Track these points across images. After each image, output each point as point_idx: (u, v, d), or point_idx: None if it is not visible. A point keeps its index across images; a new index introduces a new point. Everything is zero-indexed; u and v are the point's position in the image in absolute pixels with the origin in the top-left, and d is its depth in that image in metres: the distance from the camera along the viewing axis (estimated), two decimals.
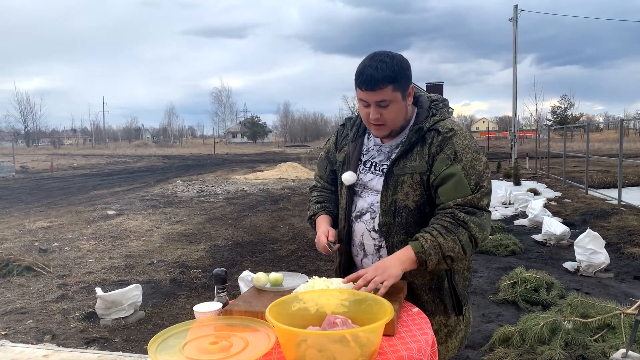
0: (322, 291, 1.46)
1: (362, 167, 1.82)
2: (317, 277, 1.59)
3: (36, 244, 7.37)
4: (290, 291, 1.59)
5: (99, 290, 4.30)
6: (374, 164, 1.80)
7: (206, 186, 15.74)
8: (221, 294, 1.58)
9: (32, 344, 3.80)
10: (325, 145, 2.03)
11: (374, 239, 1.78)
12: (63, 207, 11.38)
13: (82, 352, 2.06)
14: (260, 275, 1.69)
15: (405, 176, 1.70)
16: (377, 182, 1.77)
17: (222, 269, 1.61)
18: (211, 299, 5.50)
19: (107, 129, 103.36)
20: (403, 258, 1.59)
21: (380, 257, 1.77)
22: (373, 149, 1.82)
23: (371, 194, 1.79)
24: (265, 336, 1.32)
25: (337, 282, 1.54)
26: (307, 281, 1.58)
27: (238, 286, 4.42)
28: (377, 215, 1.76)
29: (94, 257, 6.63)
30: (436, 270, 1.68)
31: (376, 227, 1.76)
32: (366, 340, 1.18)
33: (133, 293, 4.37)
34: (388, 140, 1.79)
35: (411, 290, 1.73)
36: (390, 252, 1.72)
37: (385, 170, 1.75)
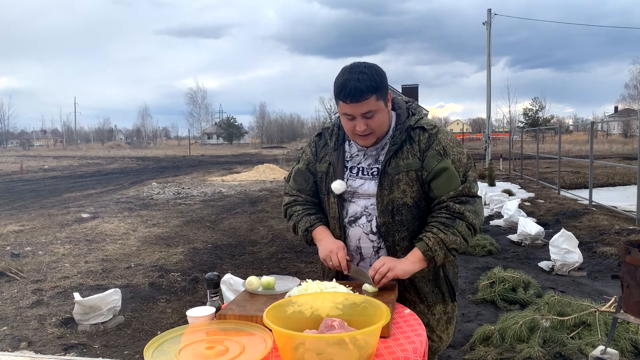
0: (316, 294, 1.46)
1: (349, 173, 1.81)
2: (310, 280, 1.60)
3: (8, 248, 7.17)
4: (282, 295, 1.60)
5: (76, 295, 4.21)
6: (361, 169, 1.80)
7: (182, 188, 15.55)
8: (214, 299, 1.58)
9: (7, 351, 3.70)
10: (302, 158, 1.98)
11: (372, 241, 1.79)
12: (35, 210, 11.09)
13: (60, 358, 2.03)
14: (252, 279, 1.69)
15: (400, 174, 1.72)
16: (369, 186, 1.77)
17: (215, 273, 1.60)
18: (192, 302, 5.38)
19: (79, 130, 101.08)
20: (413, 259, 1.68)
21: (379, 257, 1.78)
22: (358, 155, 1.82)
23: (363, 198, 1.79)
24: (261, 340, 1.32)
25: (330, 285, 1.55)
26: (300, 284, 1.59)
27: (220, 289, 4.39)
28: (374, 217, 1.77)
29: (69, 261, 6.49)
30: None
31: (374, 229, 1.77)
32: (364, 342, 1.19)
33: (112, 298, 4.29)
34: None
35: (413, 284, 1.78)
36: (390, 251, 1.75)
37: (375, 172, 1.76)
